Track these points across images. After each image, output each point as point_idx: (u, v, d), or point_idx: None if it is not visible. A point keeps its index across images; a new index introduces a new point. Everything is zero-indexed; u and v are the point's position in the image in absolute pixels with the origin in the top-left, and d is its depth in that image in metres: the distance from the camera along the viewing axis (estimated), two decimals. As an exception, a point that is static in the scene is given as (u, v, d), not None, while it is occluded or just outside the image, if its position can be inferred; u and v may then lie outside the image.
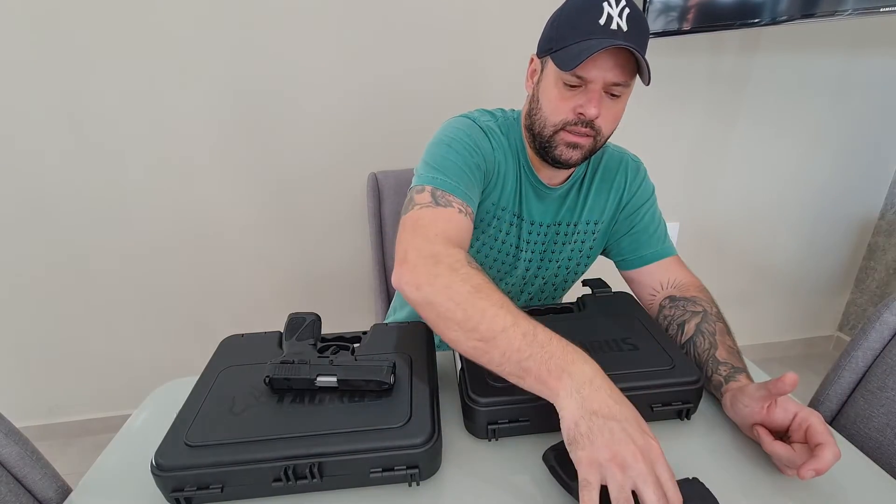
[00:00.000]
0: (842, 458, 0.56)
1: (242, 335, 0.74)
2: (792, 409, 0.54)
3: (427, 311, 0.57)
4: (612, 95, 0.69)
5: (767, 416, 0.55)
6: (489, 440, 0.60)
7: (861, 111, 1.61)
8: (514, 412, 0.59)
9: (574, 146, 0.73)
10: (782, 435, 0.56)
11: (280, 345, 0.69)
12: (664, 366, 0.62)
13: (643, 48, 0.67)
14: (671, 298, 0.79)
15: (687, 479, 0.50)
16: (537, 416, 0.59)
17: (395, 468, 0.53)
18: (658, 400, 0.60)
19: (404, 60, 1.35)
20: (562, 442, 0.54)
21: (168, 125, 1.34)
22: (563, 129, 0.72)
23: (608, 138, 0.76)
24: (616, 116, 0.73)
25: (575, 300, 0.79)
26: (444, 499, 0.54)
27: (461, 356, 0.66)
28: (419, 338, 0.71)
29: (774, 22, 1.29)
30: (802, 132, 1.62)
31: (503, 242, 0.85)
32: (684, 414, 0.61)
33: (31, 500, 0.60)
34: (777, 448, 0.53)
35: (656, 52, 1.42)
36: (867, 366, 0.69)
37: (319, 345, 0.68)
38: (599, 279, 0.84)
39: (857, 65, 1.53)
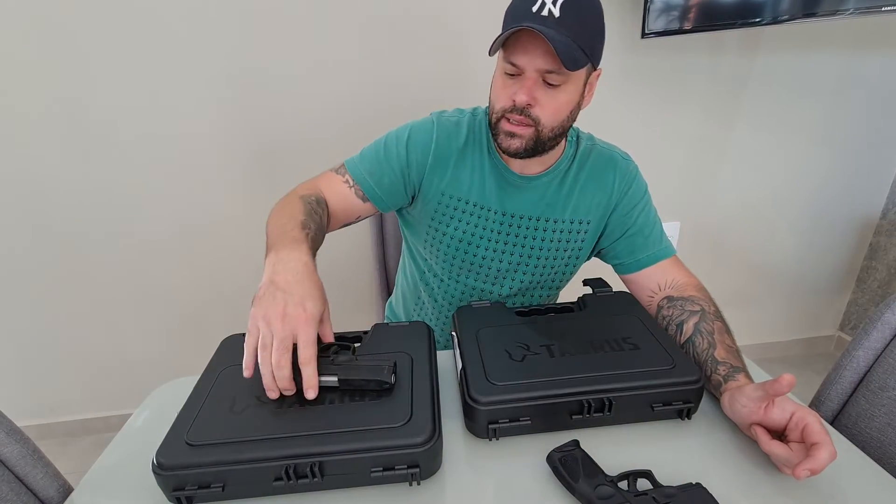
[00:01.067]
0: (843, 458, 0.56)
1: (243, 334, 0.74)
2: (789, 408, 0.54)
3: None
4: (550, 84, 0.69)
5: (765, 416, 0.55)
6: (490, 440, 0.60)
7: (862, 111, 1.60)
8: (515, 412, 0.59)
9: (511, 135, 0.73)
10: (780, 434, 0.56)
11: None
12: (665, 365, 0.62)
13: (579, 37, 0.66)
14: (669, 299, 0.79)
15: (690, 485, 0.49)
16: (538, 415, 0.59)
17: (396, 467, 0.53)
18: (659, 399, 0.60)
19: (407, 62, 1.35)
20: (566, 443, 0.55)
21: (168, 125, 1.34)
22: (503, 116, 0.73)
23: (557, 131, 0.74)
24: (557, 107, 0.72)
25: (575, 300, 0.79)
26: (445, 498, 0.54)
27: (461, 355, 0.66)
28: (420, 337, 0.71)
29: (775, 21, 1.28)
30: (803, 132, 1.61)
31: (463, 232, 0.85)
32: (685, 413, 0.61)
33: (33, 499, 0.60)
34: (774, 447, 0.53)
35: (657, 52, 1.43)
36: (868, 365, 0.69)
37: (321, 345, 0.68)
38: (600, 279, 0.84)
39: (858, 64, 1.53)
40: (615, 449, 0.57)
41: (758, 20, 1.28)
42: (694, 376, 0.60)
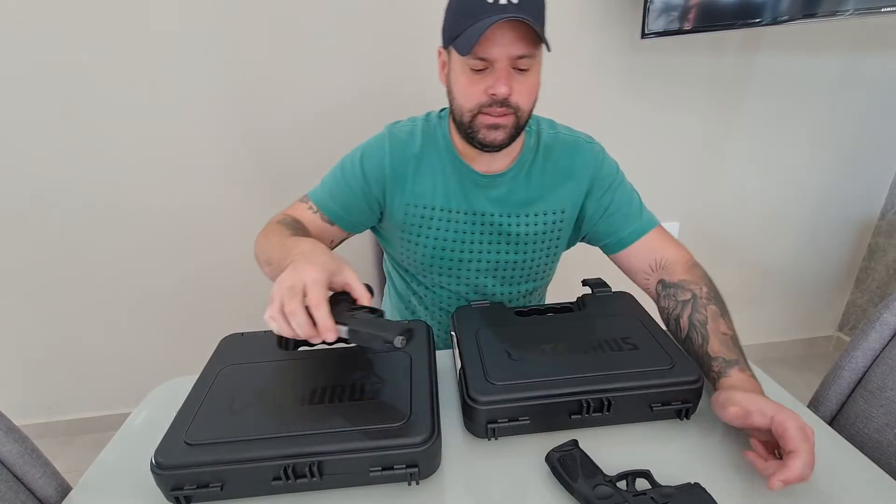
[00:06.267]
0: (841, 459, 0.56)
1: (242, 334, 0.74)
2: (769, 412, 0.52)
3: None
4: (520, 70, 0.69)
5: (747, 422, 0.53)
6: (489, 439, 0.60)
7: (861, 111, 1.61)
8: (514, 411, 0.59)
9: (495, 127, 0.73)
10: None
11: (279, 344, 0.68)
12: (664, 365, 0.62)
13: (537, 15, 0.67)
14: (663, 285, 0.77)
15: (689, 485, 0.49)
16: (537, 415, 0.59)
17: (395, 467, 0.53)
18: (658, 399, 0.60)
19: (404, 62, 1.35)
20: (565, 443, 0.55)
21: (167, 124, 1.34)
22: (479, 112, 0.72)
23: (530, 113, 0.75)
24: (531, 89, 0.72)
25: (575, 300, 0.79)
26: (444, 498, 0.54)
27: (461, 354, 0.66)
28: (419, 337, 0.71)
29: (775, 22, 1.29)
30: (803, 132, 1.61)
31: (436, 238, 0.85)
32: (684, 413, 0.61)
33: (31, 498, 0.60)
34: (749, 457, 0.53)
35: (657, 52, 1.43)
36: (867, 366, 0.69)
37: (349, 301, 0.62)
38: (599, 279, 0.84)
39: (857, 65, 1.53)
40: (614, 449, 0.57)
41: (758, 21, 1.28)
42: (693, 376, 0.60)
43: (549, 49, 0.67)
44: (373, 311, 0.60)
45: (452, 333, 0.73)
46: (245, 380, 0.63)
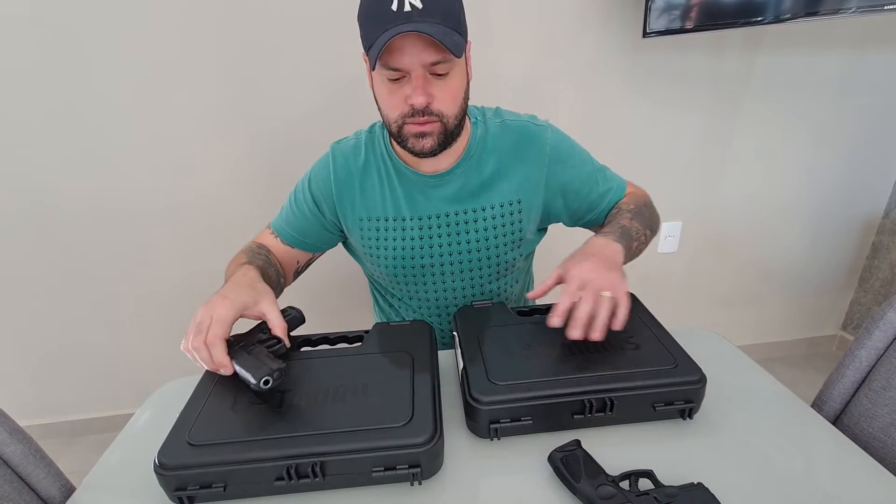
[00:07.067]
0: (846, 458, 0.56)
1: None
2: (564, 268, 0.66)
3: None
4: (438, 75, 0.67)
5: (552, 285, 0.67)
6: (491, 439, 0.60)
7: (865, 110, 1.60)
8: (516, 411, 0.59)
9: (421, 135, 0.71)
10: None
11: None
12: (666, 365, 0.61)
13: (448, 19, 0.64)
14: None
15: (692, 485, 0.49)
16: (540, 415, 0.59)
17: (398, 467, 0.53)
18: (661, 399, 0.60)
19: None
20: (568, 443, 0.55)
21: (169, 124, 1.34)
22: (404, 122, 0.70)
23: (458, 116, 0.72)
24: (453, 93, 0.70)
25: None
26: (446, 498, 0.54)
27: (462, 354, 0.66)
28: (421, 336, 0.71)
29: (777, 20, 1.28)
30: (806, 131, 1.61)
31: (394, 249, 0.84)
32: (687, 413, 0.61)
33: (35, 498, 0.60)
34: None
35: (659, 52, 1.42)
36: (871, 365, 0.69)
37: (265, 333, 0.66)
38: None
39: (860, 63, 1.52)
40: (616, 449, 0.57)
41: (760, 19, 1.28)
42: (696, 376, 0.60)
43: (456, 55, 0.64)
44: (278, 341, 0.65)
45: (454, 333, 0.73)
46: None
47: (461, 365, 0.66)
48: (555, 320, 0.61)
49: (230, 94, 1.33)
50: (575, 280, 0.63)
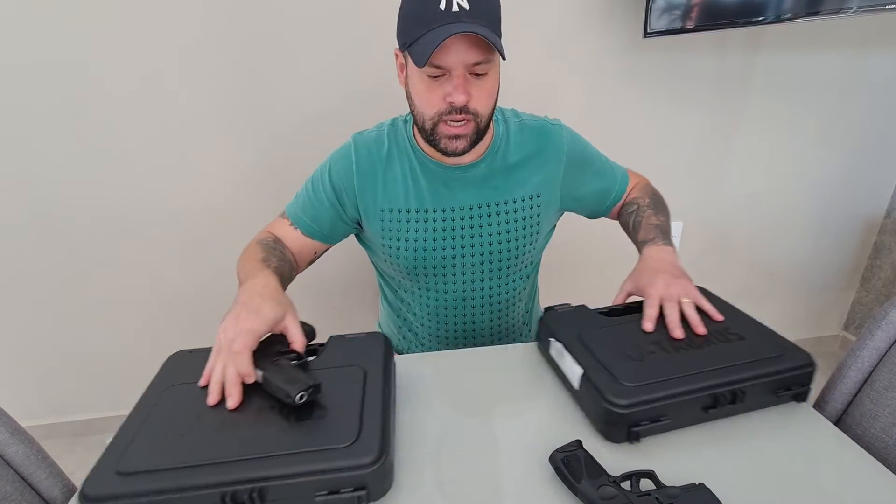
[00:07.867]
0: (847, 459, 0.56)
1: (191, 351, 0.70)
2: (638, 284, 0.73)
3: None
4: (477, 75, 0.69)
5: (627, 296, 0.76)
6: (631, 442, 0.58)
7: (866, 109, 1.60)
8: (656, 411, 0.57)
9: (456, 137, 0.73)
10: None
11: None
12: (775, 352, 0.62)
13: (492, 22, 0.67)
14: (621, 207, 0.95)
15: (693, 485, 0.49)
16: (677, 413, 0.58)
17: (342, 490, 0.49)
18: (781, 385, 0.61)
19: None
20: (569, 443, 0.55)
21: (170, 125, 1.34)
22: (440, 121, 0.72)
23: (490, 116, 0.76)
24: (489, 93, 0.73)
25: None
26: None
27: (576, 360, 0.64)
28: (376, 350, 0.67)
29: (779, 20, 1.28)
30: (807, 130, 1.61)
31: (415, 241, 0.84)
32: (802, 396, 0.62)
33: (37, 498, 0.61)
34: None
35: (660, 51, 1.42)
36: (873, 365, 0.69)
37: (283, 349, 0.64)
38: None
39: (862, 63, 1.52)
40: (618, 449, 0.57)
41: (761, 19, 1.28)
42: (807, 360, 0.61)
43: (503, 58, 0.68)
44: (299, 356, 0.63)
45: (551, 340, 0.70)
46: (189, 401, 0.58)
47: (579, 372, 0.62)
48: (648, 325, 0.67)
49: (236, 99, 1.33)
50: (655, 299, 0.68)
